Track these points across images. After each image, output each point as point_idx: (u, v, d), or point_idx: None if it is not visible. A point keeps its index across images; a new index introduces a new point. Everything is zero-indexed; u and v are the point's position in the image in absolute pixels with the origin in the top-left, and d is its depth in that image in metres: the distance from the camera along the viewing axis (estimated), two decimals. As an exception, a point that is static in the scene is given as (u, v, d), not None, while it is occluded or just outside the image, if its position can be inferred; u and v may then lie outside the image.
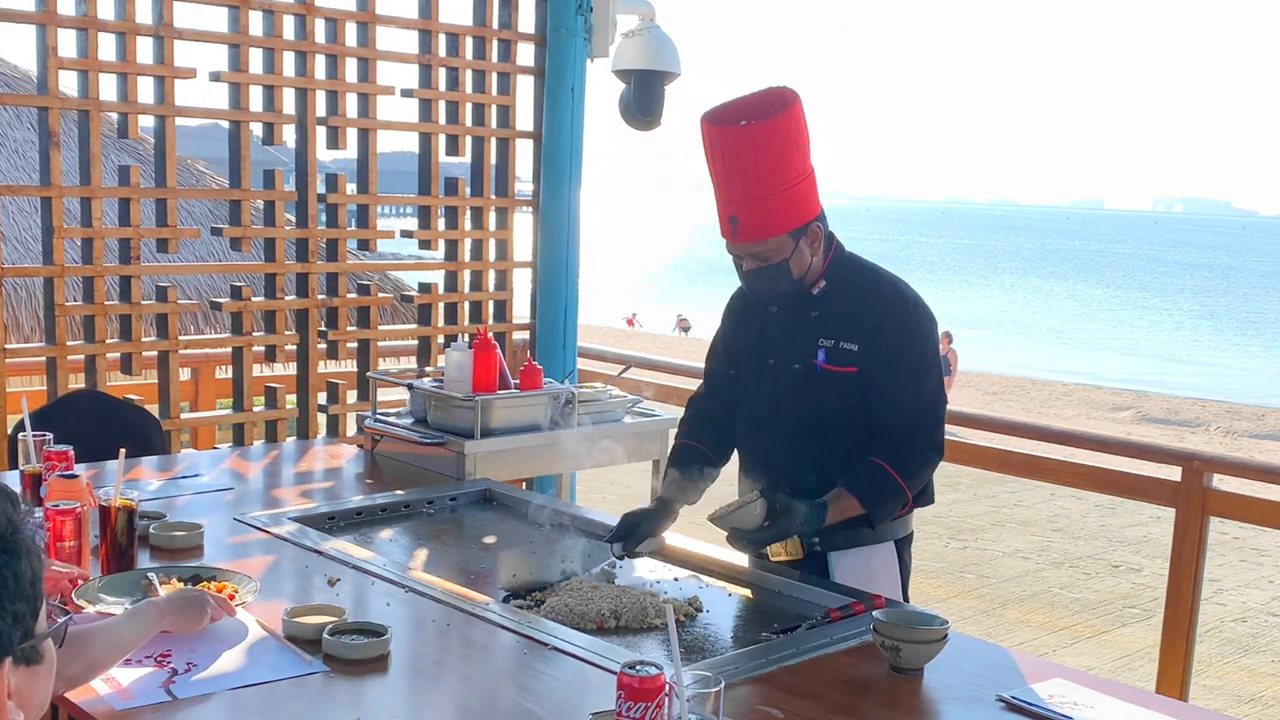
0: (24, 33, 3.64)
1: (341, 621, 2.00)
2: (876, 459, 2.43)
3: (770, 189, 2.40)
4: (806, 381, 2.53)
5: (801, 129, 2.44)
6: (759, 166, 2.38)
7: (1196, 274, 63.61)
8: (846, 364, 2.48)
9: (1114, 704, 1.90)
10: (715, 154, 2.44)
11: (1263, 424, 16.92)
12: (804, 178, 2.44)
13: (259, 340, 4.14)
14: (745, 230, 2.44)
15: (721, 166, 2.44)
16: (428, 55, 4.37)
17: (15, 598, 1.04)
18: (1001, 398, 18.13)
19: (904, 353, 2.48)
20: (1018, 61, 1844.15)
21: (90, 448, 2.91)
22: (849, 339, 2.49)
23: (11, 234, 5.44)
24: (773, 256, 2.45)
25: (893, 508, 2.47)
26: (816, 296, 2.53)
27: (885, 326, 2.48)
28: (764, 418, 2.61)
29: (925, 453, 2.48)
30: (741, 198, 2.43)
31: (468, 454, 3.21)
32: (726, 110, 2.44)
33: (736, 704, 1.81)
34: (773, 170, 2.39)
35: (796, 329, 2.55)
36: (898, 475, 2.43)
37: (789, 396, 2.55)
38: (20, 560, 1.05)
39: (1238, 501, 3.73)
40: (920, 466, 2.48)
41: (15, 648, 1.04)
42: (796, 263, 2.47)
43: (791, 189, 2.42)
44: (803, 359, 2.53)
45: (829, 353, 2.50)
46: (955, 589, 6.37)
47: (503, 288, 4.73)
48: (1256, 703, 5.03)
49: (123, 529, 2.26)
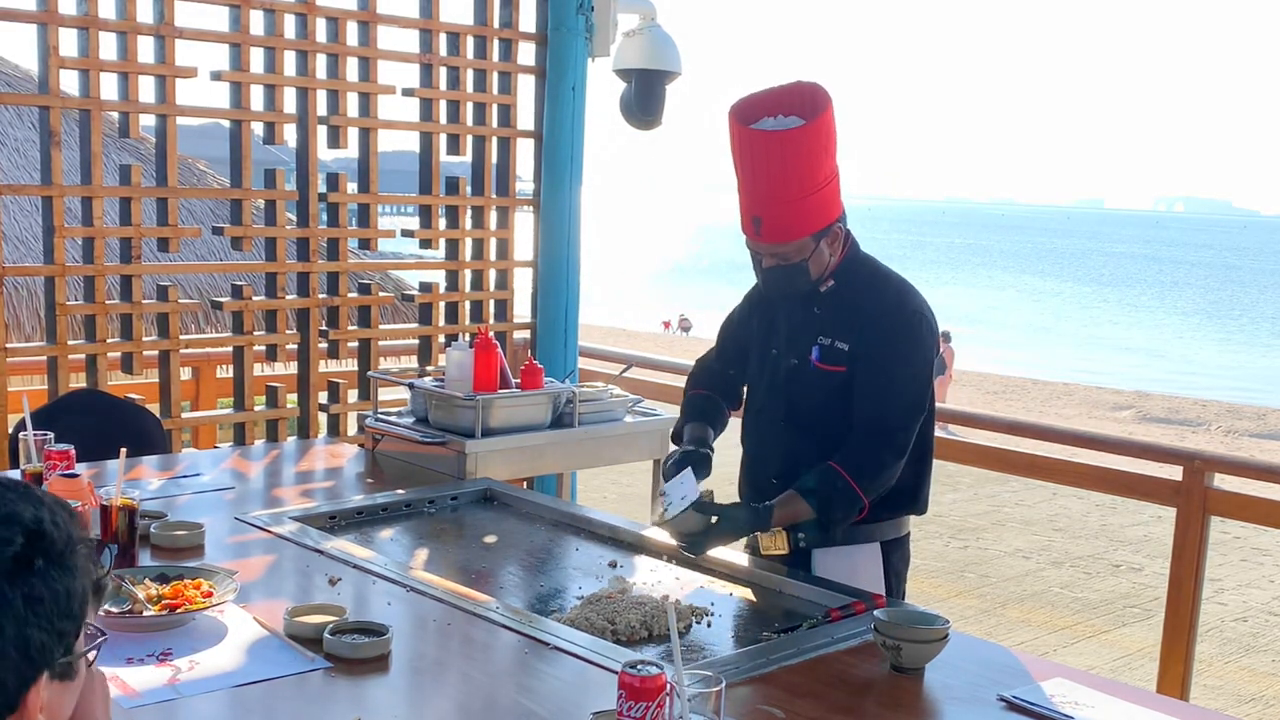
0: (25, 32, 3.64)
1: (342, 621, 2.00)
2: (832, 462, 2.42)
3: (798, 193, 2.39)
4: (801, 376, 2.55)
5: (831, 133, 2.42)
6: (786, 172, 2.37)
7: (1197, 273, 63.59)
8: (837, 363, 2.49)
9: (1115, 704, 1.90)
10: (744, 154, 2.42)
11: (1264, 423, 16.91)
12: (830, 180, 2.43)
13: (260, 339, 4.14)
14: (769, 231, 2.44)
15: (750, 167, 2.42)
16: (429, 54, 4.37)
17: (63, 615, 1.05)
18: (1002, 397, 18.12)
19: (888, 356, 2.46)
20: (1017, 61, 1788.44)
21: (91, 447, 2.91)
22: (843, 338, 2.49)
23: (12, 233, 5.45)
24: (793, 257, 2.45)
25: (846, 512, 2.43)
26: (823, 294, 2.53)
27: (875, 329, 2.47)
28: (761, 409, 2.64)
29: (883, 456, 2.44)
30: (768, 200, 2.42)
31: (469, 453, 3.21)
32: (756, 108, 2.42)
33: (737, 704, 1.81)
34: (801, 176, 2.37)
35: (799, 323, 2.56)
36: (851, 479, 2.39)
37: (784, 390, 2.58)
38: (74, 579, 1.06)
39: (1238, 501, 3.73)
40: (877, 470, 2.43)
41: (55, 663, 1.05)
42: (815, 263, 2.48)
43: (818, 192, 2.41)
44: (800, 354, 2.55)
45: (823, 350, 2.51)
46: (956, 589, 6.37)
47: (504, 287, 4.73)
48: (1257, 702, 5.03)
49: (124, 528, 2.26)
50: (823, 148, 2.39)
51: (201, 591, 2.08)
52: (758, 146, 2.39)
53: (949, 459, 4.72)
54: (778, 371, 2.60)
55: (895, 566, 2.59)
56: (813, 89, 2.42)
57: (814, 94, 2.40)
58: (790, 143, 2.36)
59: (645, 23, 4.59)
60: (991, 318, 35.54)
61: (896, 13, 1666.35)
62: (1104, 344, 31.66)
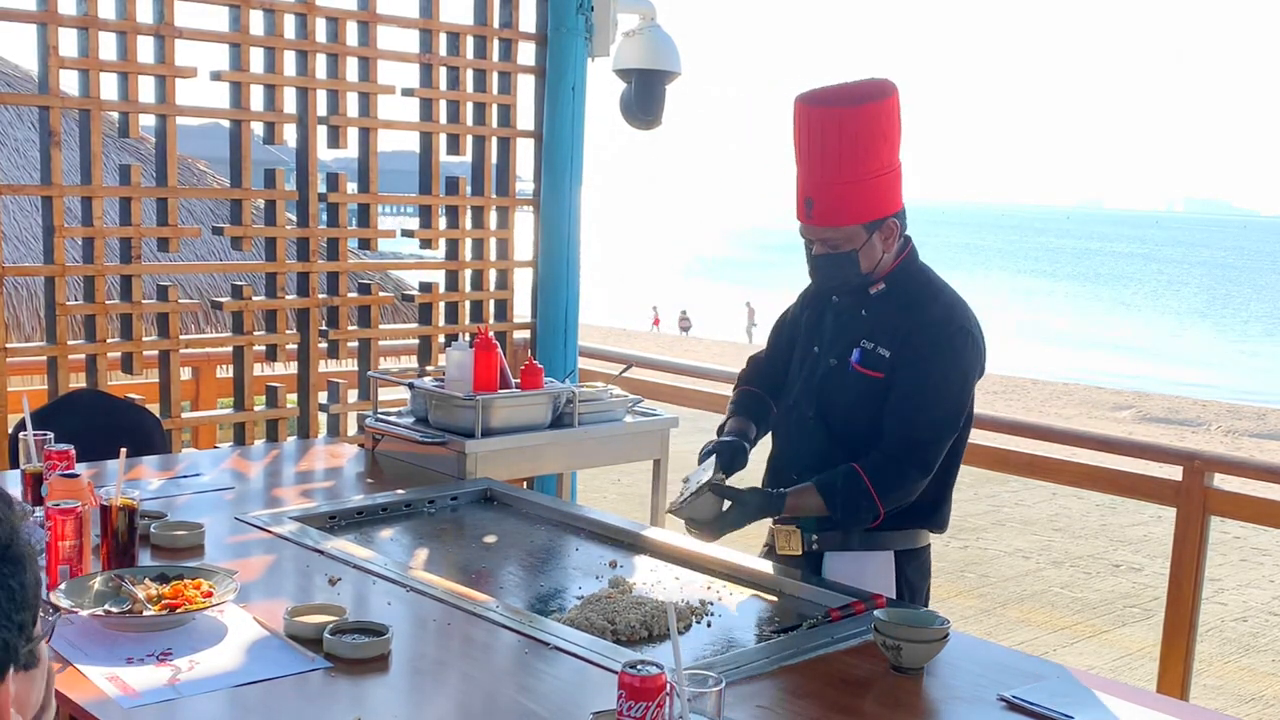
0: (25, 32, 3.64)
1: (342, 621, 2.00)
2: (856, 465, 2.42)
3: (851, 176, 2.38)
4: (838, 377, 2.53)
5: (894, 122, 2.42)
6: (841, 152, 2.37)
7: (1197, 273, 63.60)
8: (876, 368, 2.48)
9: (1114, 703, 1.90)
10: (801, 133, 2.43)
11: (1264, 423, 16.90)
12: (888, 170, 2.43)
13: (260, 339, 4.14)
14: (820, 214, 2.43)
15: (805, 146, 2.43)
16: (428, 54, 4.37)
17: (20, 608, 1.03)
18: (1002, 397, 18.12)
19: (926, 369, 2.44)
20: (1017, 62, 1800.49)
21: (91, 447, 2.91)
22: (885, 345, 2.47)
23: (12, 233, 5.44)
24: (843, 245, 2.44)
25: (861, 516, 2.43)
26: (873, 297, 2.52)
27: (917, 340, 2.45)
28: (794, 404, 2.63)
29: (907, 469, 2.43)
30: (821, 181, 2.42)
31: (469, 453, 3.21)
32: (824, 93, 2.43)
33: (737, 704, 1.81)
34: (855, 158, 2.37)
35: (845, 324, 2.55)
36: (871, 485, 2.40)
37: (819, 388, 2.57)
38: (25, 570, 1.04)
39: (1238, 501, 3.73)
40: (899, 482, 2.43)
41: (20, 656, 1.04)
42: (866, 255, 2.46)
43: (874, 179, 2.40)
44: (840, 354, 2.54)
45: (864, 354, 2.50)
46: (955, 589, 6.37)
47: (504, 287, 4.73)
48: (1257, 702, 5.03)
49: (123, 528, 2.26)
50: (882, 133, 2.39)
51: (201, 591, 2.08)
52: (814, 125, 2.39)
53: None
54: (816, 369, 2.59)
55: (910, 579, 2.55)
56: (881, 81, 2.43)
57: (880, 84, 2.42)
58: (847, 121, 2.36)
59: (645, 23, 4.60)
60: (991, 317, 35.56)
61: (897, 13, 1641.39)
62: (1104, 344, 31.66)
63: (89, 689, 1.77)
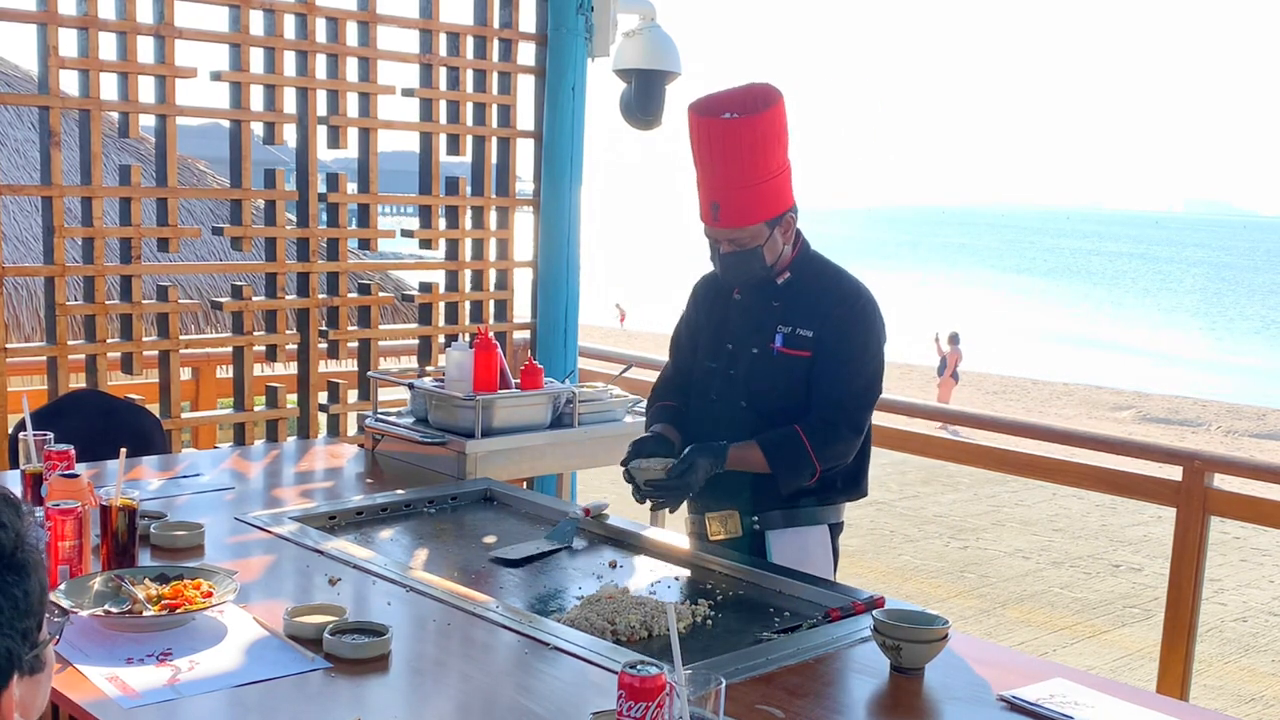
0: (25, 32, 3.64)
1: (342, 621, 2.00)
2: (796, 426, 2.58)
3: (752, 180, 2.56)
4: (762, 364, 2.69)
5: (783, 126, 2.61)
6: (743, 159, 2.55)
7: (1197, 273, 63.59)
8: (802, 348, 2.65)
9: (1114, 704, 1.90)
10: (702, 143, 2.60)
11: (1263, 423, 16.90)
12: (782, 171, 2.61)
13: (260, 340, 4.14)
14: (726, 217, 2.61)
15: (707, 156, 2.59)
16: (428, 55, 4.37)
17: (25, 615, 1.03)
18: (1002, 397, 18.12)
19: (848, 340, 2.64)
20: (1017, 63, 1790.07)
21: (91, 447, 2.91)
22: (806, 325, 2.65)
23: (12, 233, 5.45)
24: (749, 242, 2.62)
25: (799, 473, 2.59)
26: (780, 286, 2.70)
27: (838, 314, 2.64)
28: (717, 398, 2.76)
29: (841, 430, 2.61)
30: (725, 186, 2.59)
31: (468, 453, 3.21)
32: (714, 102, 2.59)
33: (737, 704, 1.81)
34: (755, 163, 2.55)
35: (757, 316, 2.71)
36: (809, 444, 2.57)
37: (743, 378, 2.71)
38: (29, 578, 1.04)
39: (1238, 501, 3.73)
40: (834, 441, 2.60)
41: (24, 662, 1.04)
42: (770, 250, 2.64)
43: (773, 179, 2.58)
44: (760, 343, 2.69)
45: (786, 337, 2.67)
46: (955, 589, 6.37)
47: (503, 287, 4.73)
48: (1257, 702, 5.03)
49: (123, 528, 2.26)
50: (775, 137, 2.57)
51: (201, 591, 2.08)
52: (715, 135, 2.56)
53: (949, 459, 4.72)
54: (737, 362, 2.72)
55: (836, 547, 2.77)
56: (765, 88, 2.60)
57: (766, 92, 2.59)
58: (745, 130, 2.53)
59: (645, 23, 4.60)
60: (991, 317, 35.55)
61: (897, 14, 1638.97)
62: (1103, 344, 31.65)
63: (89, 689, 1.77)
